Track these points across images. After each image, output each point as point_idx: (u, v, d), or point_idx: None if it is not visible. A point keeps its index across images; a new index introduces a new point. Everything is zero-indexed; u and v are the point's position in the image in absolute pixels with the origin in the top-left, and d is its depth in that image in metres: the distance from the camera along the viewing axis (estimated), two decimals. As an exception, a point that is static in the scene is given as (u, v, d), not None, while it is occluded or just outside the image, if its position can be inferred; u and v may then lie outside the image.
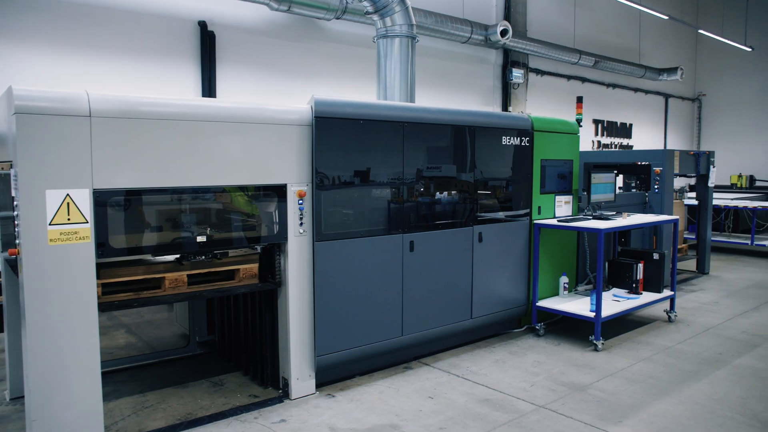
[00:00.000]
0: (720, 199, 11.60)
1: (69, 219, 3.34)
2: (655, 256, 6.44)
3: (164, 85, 7.61)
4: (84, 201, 3.39)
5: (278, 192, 4.29)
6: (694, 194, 9.85)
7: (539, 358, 5.30)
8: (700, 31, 14.54)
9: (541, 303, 6.00)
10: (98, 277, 3.71)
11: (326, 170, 4.43)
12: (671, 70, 15.60)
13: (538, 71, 12.72)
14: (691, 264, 9.69)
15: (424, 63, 10.38)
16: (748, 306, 7.27)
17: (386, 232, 4.78)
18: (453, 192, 5.28)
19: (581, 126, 6.47)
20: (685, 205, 9.88)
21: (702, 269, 9.42)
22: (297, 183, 4.34)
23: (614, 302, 6.04)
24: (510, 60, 11.93)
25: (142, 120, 3.61)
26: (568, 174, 6.30)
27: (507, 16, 11.66)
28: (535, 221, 5.96)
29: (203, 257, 4.26)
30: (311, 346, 4.49)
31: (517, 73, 11.75)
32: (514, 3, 11.82)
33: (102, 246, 3.52)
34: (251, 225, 4.29)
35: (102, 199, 3.48)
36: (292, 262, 4.37)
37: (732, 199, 12.51)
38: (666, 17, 12.39)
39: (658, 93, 16.93)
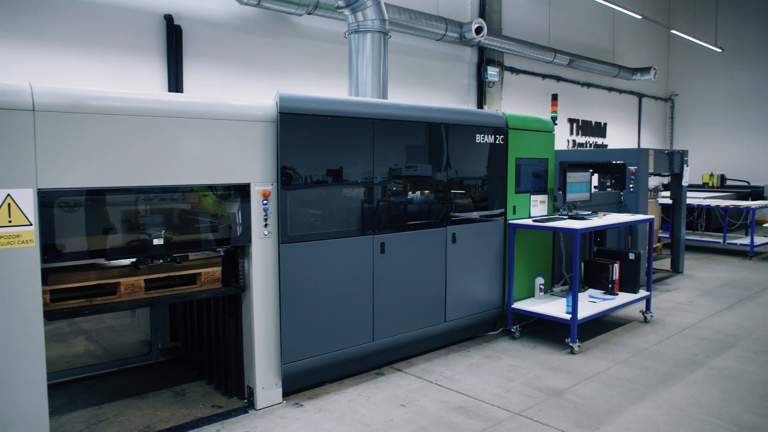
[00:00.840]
0: (693, 198, 11.66)
1: (10, 221, 3.10)
2: (631, 256, 6.36)
3: (129, 81, 7.31)
4: (27, 202, 3.15)
5: (241, 192, 4.08)
6: (668, 193, 9.85)
7: (515, 362, 5.17)
8: (673, 32, 14.63)
9: (517, 305, 5.87)
10: (46, 283, 3.47)
11: (292, 169, 4.22)
12: (645, 70, 15.68)
13: (513, 70, 12.65)
14: (665, 263, 9.68)
15: (398, 60, 10.23)
16: (722, 305, 7.24)
17: (356, 234, 4.59)
18: (426, 191, 5.12)
19: (556, 124, 6.37)
20: (660, 204, 9.87)
21: (676, 268, 9.42)
22: (261, 182, 4.14)
23: (590, 303, 5.94)
24: (485, 58, 11.83)
25: (92, 115, 3.37)
26: (544, 173, 6.19)
27: (482, 14, 11.56)
28: (510, 221, 5.83)
29: (161, 261, 4.03)
30: (277, 354, 4.29)
31: (492, 72, 11.66)
32: (489, 1, 11.72)
33: (49, 250, 3.28)
34: (213, 226, 4.06)
35: (48, 200, 3.23)
36: (257, 266, 4.16)
37: (704, 198, 12.60)
38: (639, 17, 12.41)
39: (631, 92, 17.02)
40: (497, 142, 5.66)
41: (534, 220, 5.76)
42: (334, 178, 4.44)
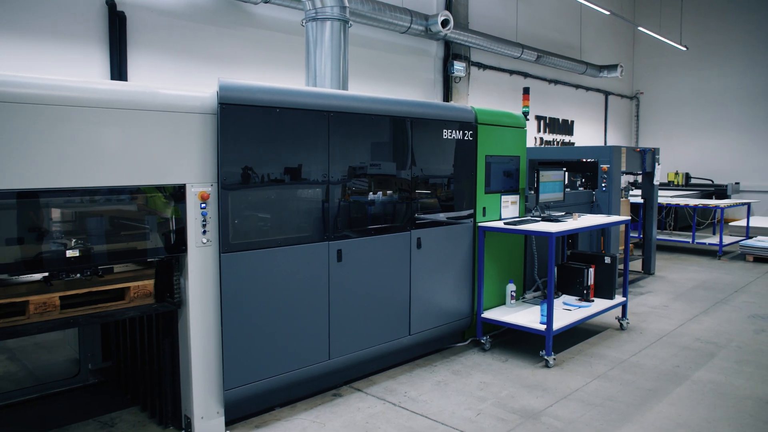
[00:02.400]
0: (661, 197, 11.47)
1: None
2: (607, 260, 6.00)
3: (66, 71, 6.64)
4: None
5: (175, 194, 3.54)
6: (638, 192, 9.59)
7: (486, 379, 4.73)
8: (639, 29, 14.49)
9: (487, 314, 5.44)
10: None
11: (236, 168, 3.69)
12: (611, 67, 15.52)
13: (480, 65, 12.28)
14: (636, 264, 9.41)
15: (361, 54, 9.73)
16: (698, 309, 6.96)
17: (310, 240, 4.08)
18: (388, 192, 4.64)
19: (528, 119, 5.96)
20: (631, 203, 9.60)
21: (648, 269, 9.16)
22: (199, 183, 3.60)
23: (565, 311, 5.55)
24: (451, 53, 11.41)
25: (-16, 103, 2.80)
26: (515, 171, 5.77)
27: (448, 7, 11.14)
28: (480, 224, 5.39)
29: (78, 275, 3.45)
30: (219, 378, 3.76)
31: (458, 66, 11.25)
32: (455, -7, 11.31)
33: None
34: (140, 234, 3.51)
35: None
36: (194, 278, 3.62)
37: (672, 197, 12.46)
38: (608, 12, 12.17)
39: (598, 90, 16.86)
40: (466, 138, 5.22)
41: (505, 223, 5.34)
42: (284, 177, 3.93)
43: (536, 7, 13.99)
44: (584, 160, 8.22)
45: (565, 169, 6.15)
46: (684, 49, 15.99)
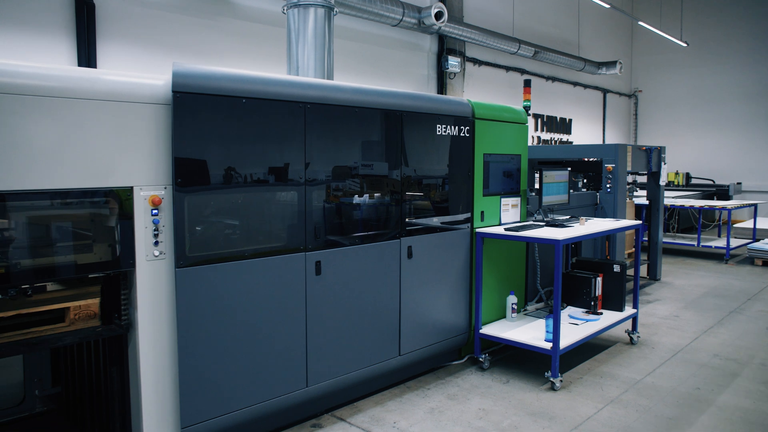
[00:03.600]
0: (666, 198, 10.99)
1: None
2: (616, 268, 5.49)
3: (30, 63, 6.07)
4: None
5: (121, 198, 2.99)
6: (643, 193, 9.10)
7: (485, 405, 4.20)
8: (638, 26, 14.04)
9: (486, 329, 4.92)
10: None
11: (194, 167, 3.15)
12: (610, 64, 15.05)
13: (475, 61, 11.76)
14: (641, 269, 8.89)
15: (351, 48, 9.21)
16: (711, 320, 6.45)
17: (283, 251, 3.54)
18: (375, 195, 4.10)
19: (530, 114, 5.43)
20: (636, 204, 9.10)
21: (654, 275, 8.66)
22: (149, 185, 3.05)
23: (571, 326, 5.03)
24: (446, 47, 10.89)
25: None
26: (516, 171, 5.25)
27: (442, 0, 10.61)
28: (478, 230, 4.87)
29: (3, 295, 2.91)
30: (175, 414, 3.21)
31: (453, 62, 10.72)
32: (449, -15, 10.79)
33: None
34: (79, 247, 2.96)
35: None
36: (145, 297, 3.08)
37: (674, 198, 11.98)
38: (608, 6, 11.67)
39: (596, 88, 16.39)
40: (462, 134, 4.69)
41: (506, 229, 4.81)
42: (252, 178, 3.38)
43: (533, 2, 13.49)
44: (586, 159, 7.73)
45: (570, 169, 5.63)
46: (684, 45, 15.53)
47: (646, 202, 8.79)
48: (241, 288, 3.35)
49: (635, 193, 9.13)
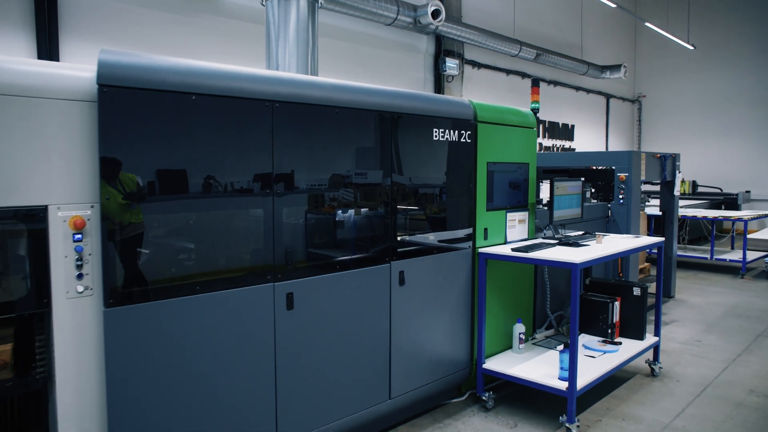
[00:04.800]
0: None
1: None
2: (636, 291, 4.86)
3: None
4: None
5: (31, 221, 2.36)
6: (655, 202, 8.49)
7: (490, 459, 3.57)
8: (643, 27, 13.48)
9: (490, 364, 4.28)
10: None
11: (128, 180, 2.52)
12: (614, 68, 14.47)
13: (474, 63, 11.16)
14: (653, 285, 8.28)
15: (341, 48, 8.61)
16: (738, 346, 5.82)
17: (246, 282, 2.90)
18: (360, 211, 3.47)
19: (539, 118, 4.81)
20: (648, 216, 8.49)
21: (667, 292, 8.02)
22: (70, 204, 2.43)
23: (587, 358, 4.39)
24: (443, 49, 10.30)
25: None
26: (523, 182, 4.62)
27: (439, -3, 10.02)
28: (481, 250, 4.23)
29: None
30: (105, 489, 2.57)
31: (451, 64, 10.13)
32: (447, -17, 10.20)
33: None
34: (-24, 282, 2.33)
35: None
36: (65, 344, 2.44)
37: (683, 207, 11.39)
38: (614, 5, 11.09)
39: (599, 93, 15.81)
40: (462, 140, 4.07)
41: (513, 249, 4.17)
42: (206, 193, 2.75)
43: (534, 1, 12.92)
44: (593, 167, 7.12)
45: (583, 179, 5.01)
46: (691, 48, 14.95)
47: (658, 213, 8.18)
48: (191, 330, 2.71)
49: (648, 203, 8.52)
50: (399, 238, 3.67)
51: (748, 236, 11.22)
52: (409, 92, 3.81)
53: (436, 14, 9.00)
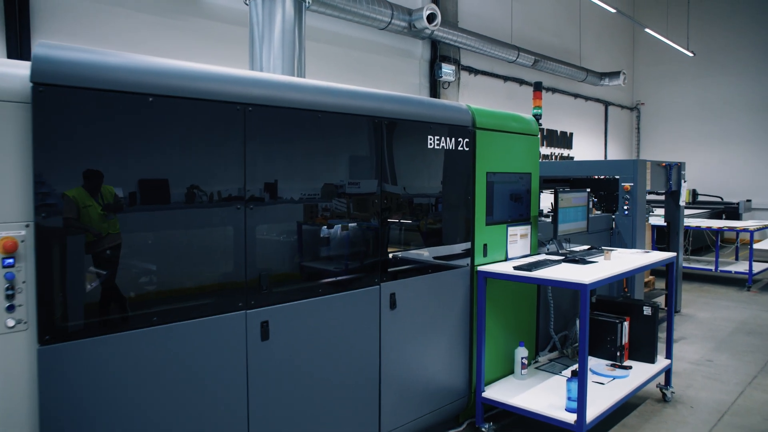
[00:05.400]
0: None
1: None
2: (647, 310, 4.52)
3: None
4: None
5: (-47, 243, 2.00)
6: (659, 212, 8.18)
7: (492, 503, 3.20)
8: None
9: (490, 392, 3.92)
10: None
11: (71, 195, 2.16)
12: (613, 75, 14.21)
13: (471, 69, 10.86)
14: (658, 299, 7.94)
15: (333, 53, 8.29)
16: (752, 367, 5.48)
17: (213, 310, 2.54)
18: (346, 226, 3.12)
19: (541, 125, 4.49)
20: (653, 226, 8.17)
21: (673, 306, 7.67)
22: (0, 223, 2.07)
23: (596, 384, 4.04)
24: (439, 54, 9.99)
25: None
26: (525, 194, 4.28)
27: (435, 1, 9.73)
28: (480, 268, 3.88)
29: None
30: None
31: (447, 70, 9.82)
32: (442, -13, 9.91)
33: None
34: None
35: None
36: (-6, 388, 2.08)
37: (685, 217, 11.07)
38: (614, 11, 10.82)
39: (598, 100, 15.53)
40: (460, 148, 3.73)
41: (515, 267, 3.82)
42: (165, 207, 2.39)
43: (532, 7, 12.65)
44: (596, 177, 6.80)
45: (589, 190, 4.67)
46: (691, 54, 14.70)
47: (662, 223, 7.86)
48: (147, 369, 2.34)
49: (652, 213, 8.21)
50: (390, 256, 3.32)
51: (754, 247, 10.93)
52: (400, 96, 3.47)
53: (431, 18, 8.70)
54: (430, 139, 3.53)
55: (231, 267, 2.59)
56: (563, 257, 4.17)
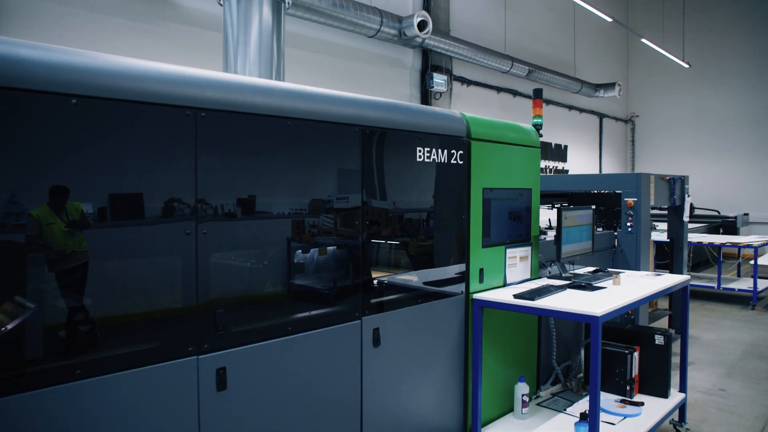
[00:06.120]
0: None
1: None
2: (658, 339, 4.11)
3: None
4: None
5: None
6: (661, 225, 7.82)
7: None
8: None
9: (488, 435, 3.49)
10: None
11: (-30, 220, 1.73)
12: (609, 86, 13.93)
13: (463, 80, 10.51)
14: (662, 320, 7.53)
15: (320, 62, 7.92)
16: (769, 395, 5.08)
17: (155, 357, 2.09)
18: (321, 250, 2.69)
19: (541, 135, 4.10)
20: (655, 242, 7.78)
21: (677, 328, 7.27)
22: None
23: (606, 425, 3.60)
24: (430, 64, 9.63)
25: None
26: (525, 212, 3.87)
27: (426, 9, 9.38)
28: (476, 296, 3.46)
29: None
30: None
31: (438, 80, 9.45)
32: (434, -4, 9.58)
33: None
34: None
35: None
36: None
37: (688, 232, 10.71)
38: (610, 19, 10.51)
39: (592, 112, 15.24)
40: (453, 161, 3.32)
41: (516, 295, 3.40)
42: (94, 230, 1.96)
43: (526, 17, 12.35)
44: (593, 191, 6.43)
45: (594, 207, 4.28)
46: (686, 66, 14.44)
47: (665, 239, 7.48)
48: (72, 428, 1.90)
49: (655, 229, 7.83)
50: (374, 284, 2.89)
51: (753, 262, 10.58)
52: (384, 101, 3.06)
53: (422, 26, 8.35)
54: (420, 150, 3.12)
55: (179, 302, 2.15)
56: (568, 282, 3.75)
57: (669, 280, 4.03)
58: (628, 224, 5.93)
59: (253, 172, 2.38)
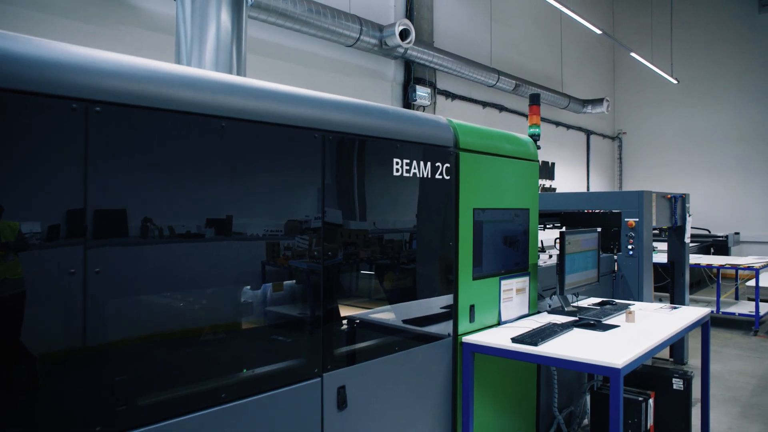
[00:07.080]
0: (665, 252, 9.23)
1: None
2: (677, 384, 3.55)
3: None
4: None
5: None
6: (660, 246, 7.33)
7: None
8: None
9: (481, 508, 2.88)
10: None
11: None
12: (596, 102, 13.56)
13: (448, 94, 10.01)
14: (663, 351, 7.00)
15: (297, 72, 7.35)
16: (791, 439, 4.53)
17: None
18: (266, 284, 2.09)
19: (539, 147, 3.56)
20: (654, 264, 7.27)
21: (680, 358, 6.74)
22: None
23: (620, 491, 3.02)
24: (413, 76, 9.12)
25: None
26: (522, 236, 3.31)
27: (409, 18, 8.90)
28: (466, 339, 2.87)
29: None
30: None
31: (422, 92, 8.94)
32: (417, 5, 9.11)
33: None
34: None
35: None
36: None
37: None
38: (599, 32, 10.12)
39: (579, 128, 14.84)
40: (438, 175, 2.76)
41: (515, 339, 2.81)
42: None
43: (512, 30, 11.94)
44: (587, 210, 5.93)
45: (600, 230, 3.73)
46: (675, 81, 14.13)
47: (665, 262, 6.98)
48: None
49: (656, 251, 7.32)
50: (337, 330, 2.30)
51: (749, 284, 10.11)
52: (350, 102, 2.48)
53: (404, 35, 7.85)
54: (397, 162, 2.55)
55: (68, 373, 1.54)
56: (573, 318, 3.18)
57: (688, 315, 3.48)
58: (629, 247, 5.42)
59: (176, 185, 1.79)
